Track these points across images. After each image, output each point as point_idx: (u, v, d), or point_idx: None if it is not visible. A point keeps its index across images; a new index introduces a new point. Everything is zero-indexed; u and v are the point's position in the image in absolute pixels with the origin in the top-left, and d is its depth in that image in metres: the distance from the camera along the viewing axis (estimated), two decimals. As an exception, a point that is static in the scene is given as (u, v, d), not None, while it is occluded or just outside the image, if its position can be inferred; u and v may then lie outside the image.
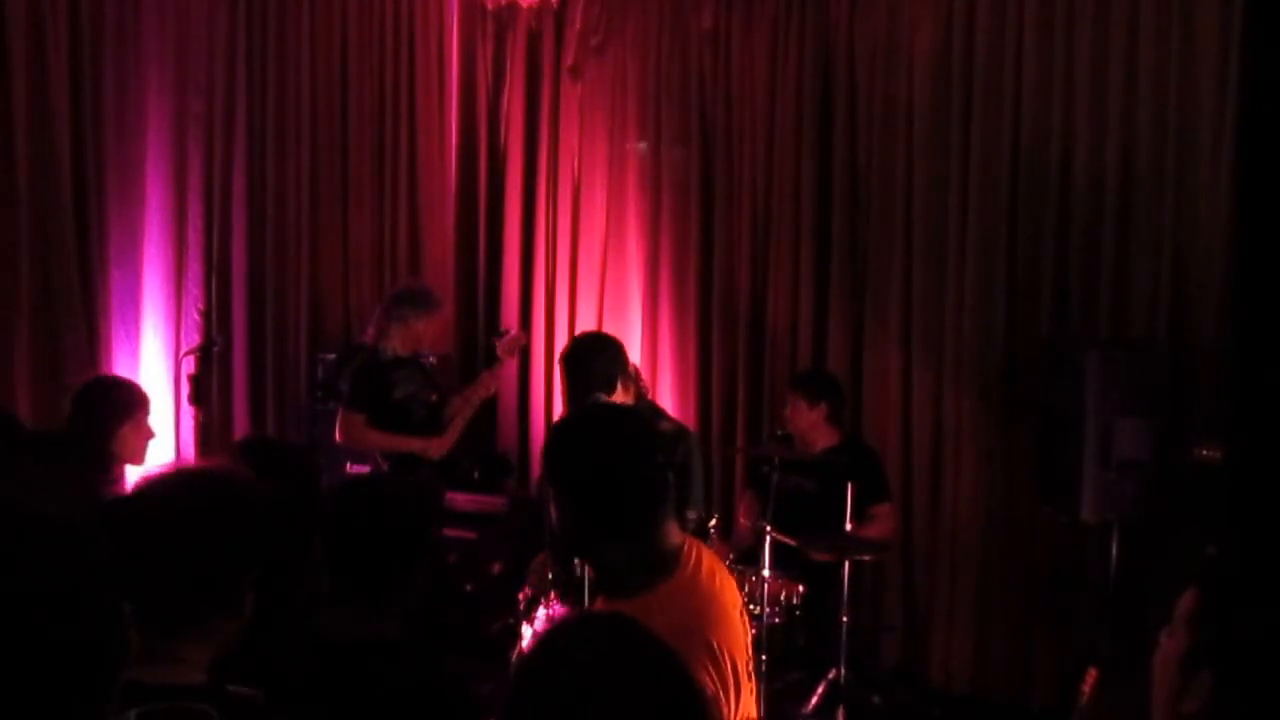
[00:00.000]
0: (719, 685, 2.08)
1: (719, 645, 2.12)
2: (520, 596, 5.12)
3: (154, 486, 1.96)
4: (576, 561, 4.37)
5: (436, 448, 5.38)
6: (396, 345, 5.31)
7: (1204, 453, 4.12)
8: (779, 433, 5.62)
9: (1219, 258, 4.86)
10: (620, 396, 4.26)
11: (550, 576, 4.52)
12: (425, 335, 5.40)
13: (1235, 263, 4.33)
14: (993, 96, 5.51)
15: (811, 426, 5.38)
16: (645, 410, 4.70)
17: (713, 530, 5.07)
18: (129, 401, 3.70)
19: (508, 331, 6.05)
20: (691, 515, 4.61)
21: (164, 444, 5.82)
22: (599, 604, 2.30)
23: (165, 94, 5.99)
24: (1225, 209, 4.83)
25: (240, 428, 6.19)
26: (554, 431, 2.41)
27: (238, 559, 1.94)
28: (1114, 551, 4.73)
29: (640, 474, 2.18)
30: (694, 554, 2.23)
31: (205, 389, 5.61)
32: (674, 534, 2.23)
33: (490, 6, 7.29)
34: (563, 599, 4.48)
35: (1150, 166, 5.13)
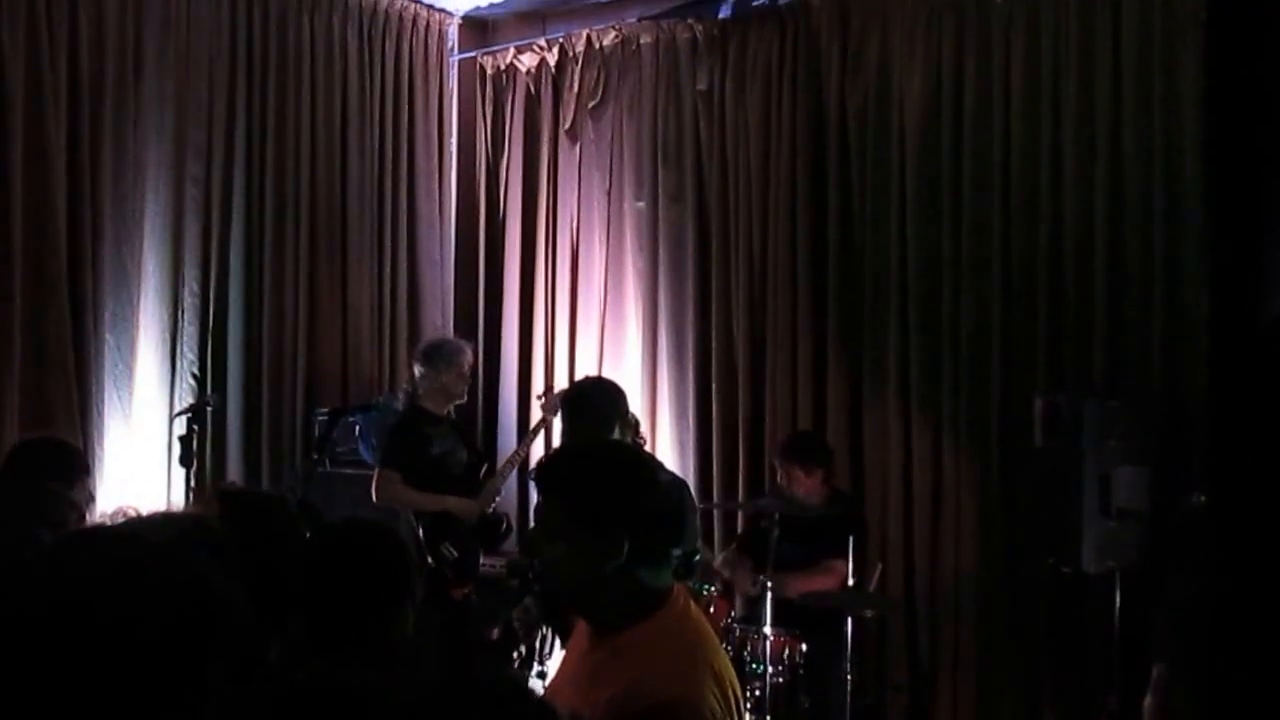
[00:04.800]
0: (724, 709, 2.08)
1: (719, 670, 2.13)
2: (514, 655, 5.08)
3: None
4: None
5: (471, 510, 5.37)
6: (429, 403, 5.39)
7: (1201, 499, 4.09)
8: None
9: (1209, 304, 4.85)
10: (616, 441, 4.27)
11: (532, 622, 4.52)
12: (454, 387, 5.47)
13: (1210, 311, 4.34)
14: (982, 151, 5.59)
15: (810, 492, 5.36)
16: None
17: (712, 589, 5.04)
18: (79, 463, 3.71)
19: (550, 390, 6.11)
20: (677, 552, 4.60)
21: (156, 506, 5.81)
22: (584, 638, 2.27)
23: (163, 157, 6.02)
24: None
25: (235, 489, 6.16)
26: (581, 455, 2.41)
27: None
28: (1117, 601, 4.67)
29: (671, 500, 2.25)
30: (681, 594, 2.26)
31: (199, 450, 5.58)
32: (669, 574, 2.25)
33: (489, 70, 7.41)
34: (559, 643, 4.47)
35: (1139, 216, 5.16)
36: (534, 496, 6.80)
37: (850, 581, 5.09)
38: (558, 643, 4.72)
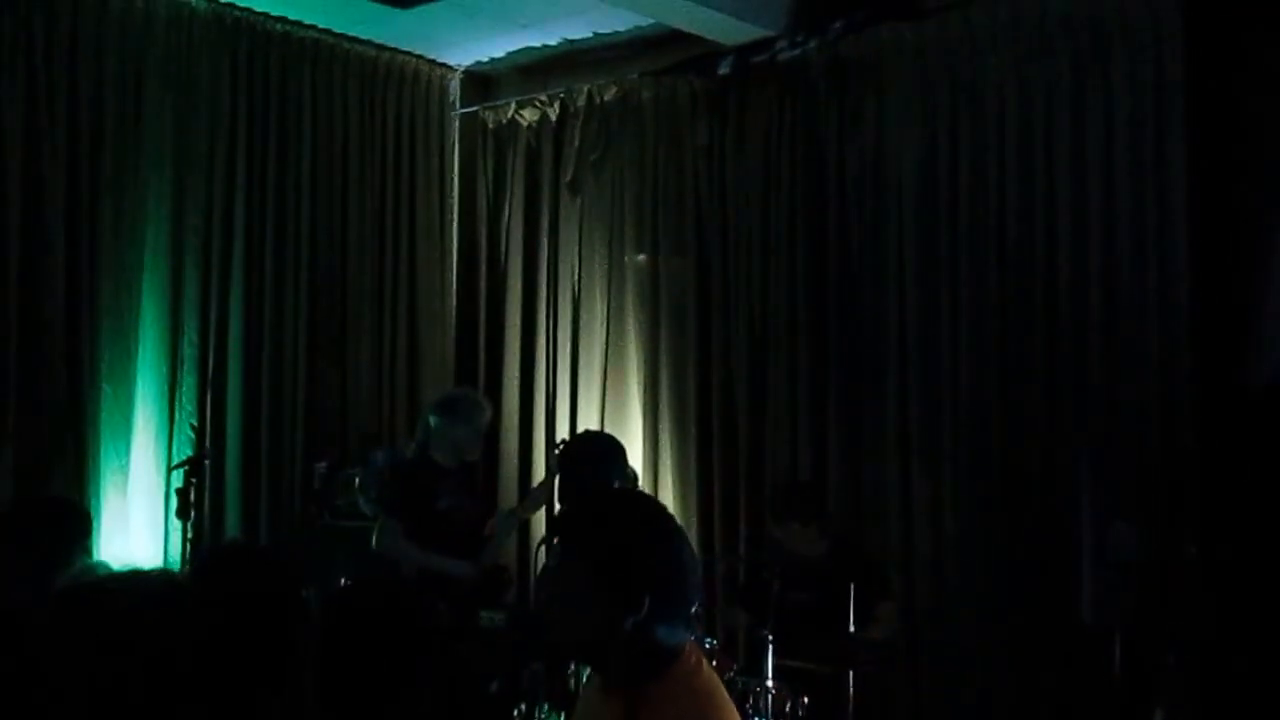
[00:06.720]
0: None
1: None
2: (514, 713, 5.01)
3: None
4: (570, 671, 4.31)
5: (471, 573, 5.23)
6: (439, 455, 5.25)
7: (1194, 551, 4.09)
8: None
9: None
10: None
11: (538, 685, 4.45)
12: (467, 443, 5.33)
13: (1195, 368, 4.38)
14: (978, 207, 5.62)
15: (808, 543, 5.34)
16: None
17: (715, 643, 5.00)
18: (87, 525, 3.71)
19: (564, 443, 6.02)
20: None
21: (153, 560, 5.77)
22: (596, 695, 2.25)
23: (163, 208, 6.06)
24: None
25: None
26: (605, 507, 2.35)
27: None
28: (1117, 653, 4.65)
29: (689, 553, 2.20)
30: (694, 650, 2.23)
31: (197, 503, 5.56)
32: (684, 629, 2.23)
33: (490, 124, 7.47)
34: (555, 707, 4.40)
35: (1132, 272, 5.19)
36: (534, 549, 6.78)
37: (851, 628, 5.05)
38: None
